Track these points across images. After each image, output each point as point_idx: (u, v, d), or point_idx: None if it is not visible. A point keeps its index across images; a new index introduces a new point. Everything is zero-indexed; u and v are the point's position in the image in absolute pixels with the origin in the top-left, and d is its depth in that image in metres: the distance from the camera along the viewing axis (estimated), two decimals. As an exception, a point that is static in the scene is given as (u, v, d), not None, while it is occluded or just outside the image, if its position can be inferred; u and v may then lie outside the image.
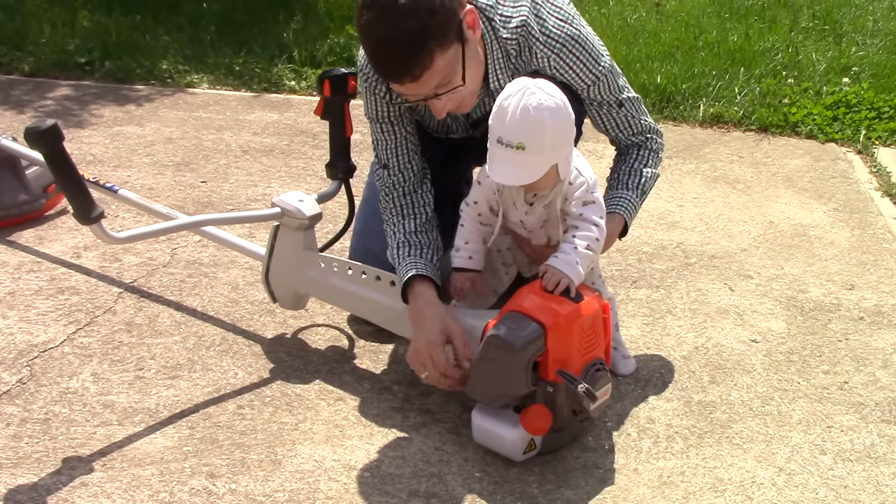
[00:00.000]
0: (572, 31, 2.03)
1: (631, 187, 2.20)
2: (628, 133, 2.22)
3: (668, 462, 1.95)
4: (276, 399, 2.09)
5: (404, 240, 2.11)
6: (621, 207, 2.17)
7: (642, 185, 2.22)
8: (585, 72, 2.06)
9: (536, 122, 1.79)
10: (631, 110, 2.19)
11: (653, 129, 2.25)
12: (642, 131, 2.23)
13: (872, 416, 2.12)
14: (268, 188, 3.15)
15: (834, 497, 1.87)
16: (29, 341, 2.25)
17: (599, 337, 1.90)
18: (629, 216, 2.18)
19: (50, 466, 1.85)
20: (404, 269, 2.06)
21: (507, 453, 1.90)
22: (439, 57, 1.85)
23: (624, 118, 2.18)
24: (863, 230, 3.03)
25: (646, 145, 2.24)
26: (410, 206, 2.16)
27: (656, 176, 2.25)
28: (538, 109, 1.78)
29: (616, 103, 2.16)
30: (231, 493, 1.80)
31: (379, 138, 2.18)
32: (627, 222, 2.18)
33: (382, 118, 2.15)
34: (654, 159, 2.25)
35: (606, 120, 2.18)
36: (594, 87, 2.10)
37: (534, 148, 1.80)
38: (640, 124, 2.22)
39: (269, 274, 2.28)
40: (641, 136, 2.23)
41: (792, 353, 2.35)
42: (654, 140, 2.25)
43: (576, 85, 2.08)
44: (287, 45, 4.45)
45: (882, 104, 3.96)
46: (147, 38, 4.46)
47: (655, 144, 2.26)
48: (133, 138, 3.52)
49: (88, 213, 1.94)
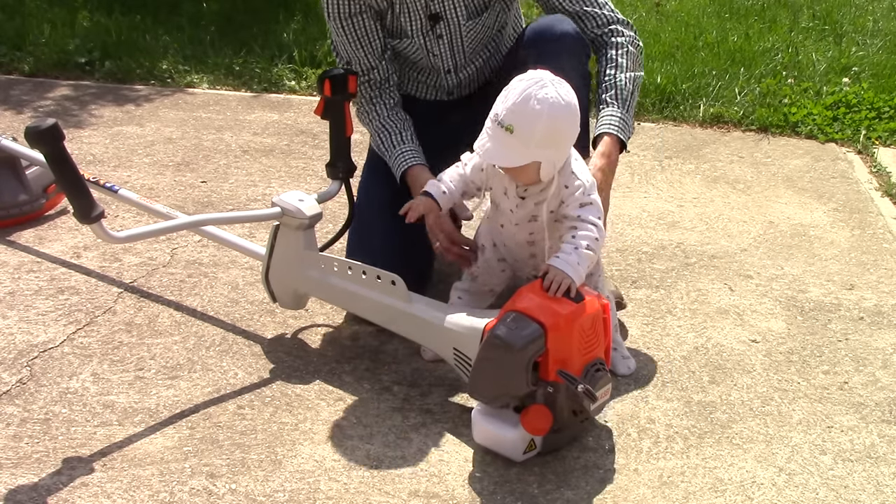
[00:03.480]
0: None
1: (615, 100, 2.16)
2: (594, 24, 2.18)
3: (668, 462, 1.95)
4: (276, 399, 2.09)
5: (380, 125, 2.28)
6: (606, 125, 2.14)
7: (622, 95, 2.16)
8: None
9: (533, 112, 1.80)
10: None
11: (620, 19, 2.22)
12: (608, 21, 2.19)
13: (872, 416, 2.12)
14: (268, 188, 3.15)
15: (834, 497, 1.87)
16: (29, 341, 2.25)
17: (599, 337, 1.90)
18: (619, 131, 2.14)
19: (50, 466, 1.85)
20: (396, 162, 2.25)
21: (507, 453, 1.90)
22: None
23: (587, 4, 2.18)
24: (863, 230, 3.03)
25: (615, 43, 2.19)
26: (379, 95, 2.30)
27: (634, 81, 2.19)
28: (541, 101, 1.80)
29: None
30: (231, 493, 1.80)
31: (342, 37, 2.26)
32: (620, 137, 2.14)
33: (347, 14, 2.23)
34: (624, 59, 2.19)
35: (569, 9, 2.18)
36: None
37: (522, 134, 1.81)
38: (606, 12, 2.19)
39: (269, 274, 2.28)
40: (609, 27, 2.19)
41: (792, 353, 2.35)
42: (618, 32, 2.20)
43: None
44: (287, 45, 4.45)
45: (882, 104, 3.96)
46: (147, 38, 4.46)
47: (621, 38, 2.20)
48: (133, 138, 3.52)
49: (88, 213, 1.94)
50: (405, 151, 2.25)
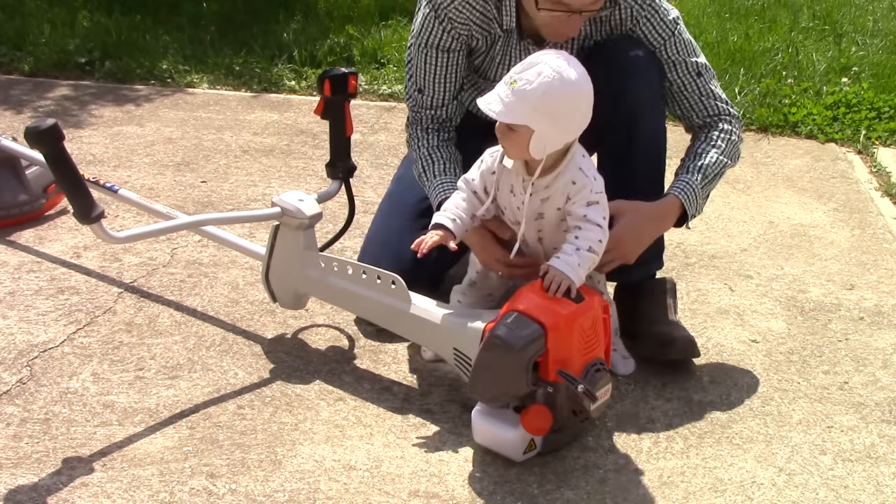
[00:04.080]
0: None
1: (693, 170, 2.14)
2: (702, 112, 2.18)
3: (668, 462, 1.95)
4: (276, 399, 2.09)
5: (428, 153, 2.23)
6: (677, 190, 2.12)
7: (703, 167, 2.14)
8: (658, 25, 2.11)
9: (536, 72, 1.81)
10: (710, 83, 2.17)
11: (727, 111, 2.20)
12: (719, 112, 2.19)
13: (872, 416, 2.12)
14: (268, 188, 3.15)
15: (834, 497, 1.87)
16: (29, 341, 2.25)
17: (599, 337, 1.90)
18: (687, 200, 2.12)
19: (50, 466, 1.85)
20: (436, 190, 2.17)
21: (507, 453, 1.90)
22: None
23: (703, 94, 2.16)
24: (863, 230, 3.03)
25: (716, 126, 2.18)
26: (436, 129, 2.26)
27: (723, 163, 2.17)
28: (548, 66, 1.81)
29: (694, 72, 2.15)
30: (231, 493, 1.80)
31: (424, 67, 2.24)
32: (684, 204, 2.12)
33: (442, 47, 2.19)
34: (723, 143, 2.17)
35: (680, 93, 2.16)
36: (669, 42, 2.13)
37: (521, 89, 1.81)
38: (718, 101, 2.18)
39: (269, 274, 2.28)
40: (718, 116, 2.19)
41: (792, 353, 2.35)
42: (726, 120, 2.19)
43: (652, 41, 2.13)
44: (287, 45, 4.45)
45: (882, 104, 3.96)
46: (147, 38, 4.46)
47: (727, 126, 2.19)
48: (133, 138, 3.52)
49: (88, 213, 1.94)
50: (448, 182, 2.16)
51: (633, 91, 2.14)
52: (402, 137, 3.65)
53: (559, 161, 1.89)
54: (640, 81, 2.15)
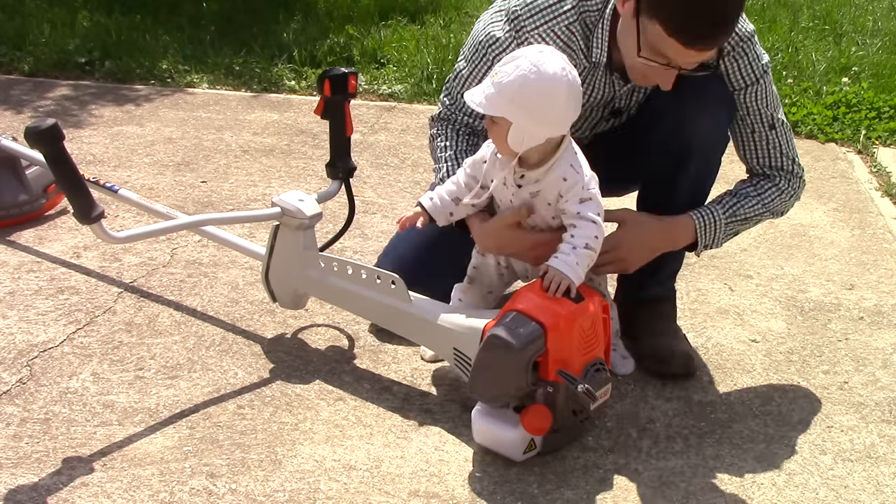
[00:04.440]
0: (747, 28, 2.01)
1: (724, 204, 2.08)
2: (764, 161, 2.10)
3: (668, 462, 1.95)
4: (276, 399, 2.09)
5: (454, 156, 2.13)
6: (696, 213, 2.06)
7: (736, 205, 2.07)
8: (745, 67, 2.02)
9: (515, 64, 1.81)
10: (781, 137, 2.09)
11: (792, 169, 2.11)
12: (782, 167, 2.10)
13: (872, 416, 2.12)
14: (268, 188, 3.15)
15: (834, 497, 1.87)
16: (29, 341, 2.25)
17: (599, 337, 1.90)
18: (703, 226, 2.06)
19: (50, 466, 1.85)
20: None
21: (507, 453, 1.90)
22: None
23: (771, 145, 2.08)
24: (863, 230, 3.03)
25: (773, 179, 2.11)
26: (466, 136, 2.16)
27: (760, 212, 2.10)
28: (527, 59, 1.80)
29: (768, 124, 2.07)
30: (231, 493, 1.80)
31: (478, 75, 2.09)
32: (697, 230, 2.06)
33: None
34: (771, 196, 2.10)
35: (749, 139, 2.09)
36: (751, 88, 2.04)
37: (499, 82, 1.81)
38: (784, 158, 2.10)
39: (268, 274, 2.28)
40: (781, 171, 2.11)
41: (792, 353, 2.35)
42: (787, 179, 2.11)
43: (734, 81, 2.04)
44: (287, 45, 4.45)
45: (882, 104, 3.97)
46: (147, 38, 4.46)
47: (785, 184, 2.11)
48: (133, 138, 3.52)
49: (88, 213, 1.93)
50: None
51: (697, 126, 2.06)
52: (402, 137, 3.66)
53: (549, 156, 1.89)
54: (706, 119, 2.06)
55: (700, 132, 2.07)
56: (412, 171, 3.34)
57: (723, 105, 2.07)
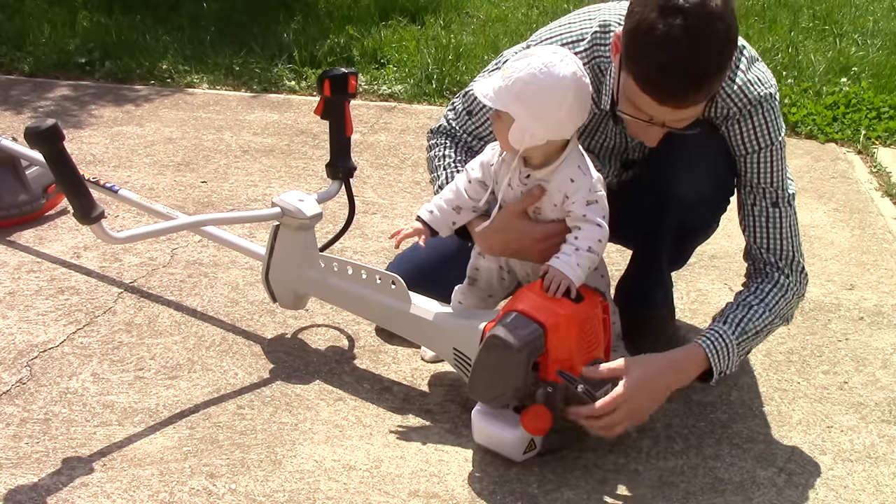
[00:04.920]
0: (760, 91, 1.91)
1: (731, 322, 1.91)
2: (764, 245, 1.96)
3: (668, 462, 1.95)
4: (276, 399, 2.09)
5: (452, 163, 2.08)
6: (704, 339, 1.90)
7: (744, 323, 1.91)
8: (752, 133, 1.91)
9: (525, 59, 1.80)
10: (785, 219, 1.95)
11: (795, 263, 1.97)
12: (781, 255, 1.96)
13: (872, 416, 2.12)
14: (268, 188, 3.15)
15: (834, 497, 1.87)
16: (29, 341, 2.25)
17: (599, 337, 1.90)
18: (712, 351, 1.89)
19: (50, 466, 1.85)
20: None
21: (507, 453, 1.90)
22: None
23: (772, 224, 1.95)
24: (863, 230, 3.03)
25: (772, 277, 1.96)
26: (466, 149, 2.11)
27: (770, 322, 1.94)
28: (540, 59, 1.79)
29: (772, 200, 1.95)
30: (231, 493, 1.80)
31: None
32: (709, 357, 1.89)
33: None
34: (775, 300, 1.94)
35: (750, 215, 1.97)
36: (755, 155, 1.93)
37: (510, 75, 1.80)
38: (785, 244, 1.96)
39: (269, 274, 2.28)
40: (780, 263, 1.96)
41: (792, 353, 2.35)
42: (787, 276, 1.96)
43: (738, 147, 1.93)
44: (287, 45, 4.45)
45: (882, 104, 3.97)
46: (147, 38, 4.46)
47: (785, 280, 1.96)
48: (133, 138, 3.52)
49: (89, 213, 1.94)
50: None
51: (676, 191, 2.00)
52: (402, 138, 3.66)
53: (553, 157, 1.88)
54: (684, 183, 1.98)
55: (678, 197, 2.00)
56: (412, 172, 3.34)
57: (709, 169, 1.97)
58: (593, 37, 1.96)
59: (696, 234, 2.15)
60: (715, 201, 2.05)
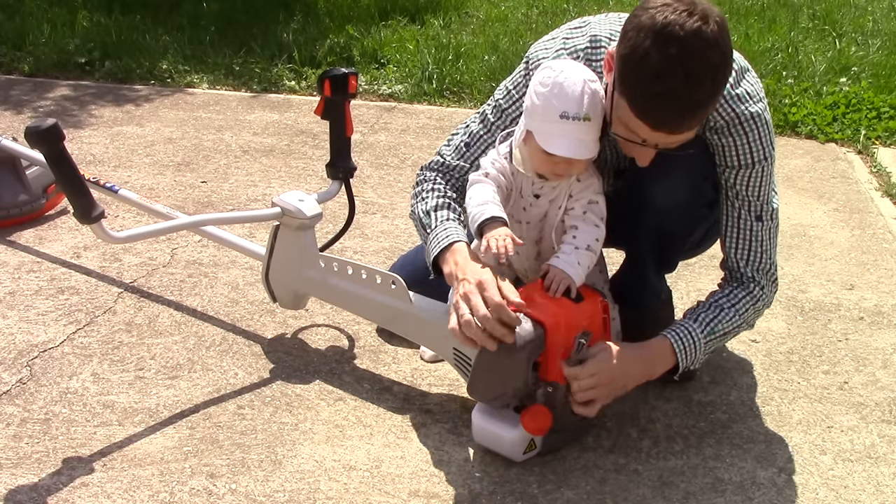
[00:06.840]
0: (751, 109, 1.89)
1: (701, 321, 1.95)
2: (744, 256, 1.99)
3: (668, 462, 1.95)
4: (276, 399, 2.09)
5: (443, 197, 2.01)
6: (672, 334, 1.93)
7: (713, 323, 1.95)
8: (740, 149, 1.90)
9: (597, 96, 1.79)
10: (765, 233, 1.97)
11: (772, 275, 2.01)
12: (759, 268, 1.99)
13: (872, 416, 2.12)
14: (268, 188, 3.15)
15: (834, 497, 1.87)
16: (29, 341, 2.25)
17: (599, 337, 1.90)
18: (680, 346, 1.93)
19: (50, 466, 1.85)
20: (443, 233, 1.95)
21: (507, 453, 1.90)
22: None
23: (754, 237, 1.97)
24: (863, 230, 3.03)
25: (749, 289, 1.99)
26: (455, 182, 2.05)
27: (738, 326, 1.99)
28: (594, 82, 1.80)
29: (755, 213, 1.95)
30: (231, 493, 1.80)
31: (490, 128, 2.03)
32: (676, 351, 1.93)
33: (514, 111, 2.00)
34: (745, 307, 1.99)
35: (734, 227, 1.97)
36: (744, 171, 1.92)
37: (596, 120, 1.79)
38: (764, 256, 1.99)
39: (269, 274, 2.28)
40: (757, 275, 1.99)
41: (792, 353, 2.35)
42: (761, 287, 2.00)
43: (726, 160, 1.92)
44: (287, 45, 4.45)
45: (882, 104, 3.97)
46: (147, 38, 4.46)
47: (759, 291, 2.00)
48: (133, 138, 3.52)
49: (89, 213, 1.94)
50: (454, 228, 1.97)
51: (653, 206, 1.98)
52: (402, 138, 3.66)
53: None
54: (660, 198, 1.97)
55: (653, 201, 1.99)
56: (412, 172, 3.34)
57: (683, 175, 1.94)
58: (584, 53, 1.95)
59: (674, 240, 2.10)
60: (689, 206, 2.01)
